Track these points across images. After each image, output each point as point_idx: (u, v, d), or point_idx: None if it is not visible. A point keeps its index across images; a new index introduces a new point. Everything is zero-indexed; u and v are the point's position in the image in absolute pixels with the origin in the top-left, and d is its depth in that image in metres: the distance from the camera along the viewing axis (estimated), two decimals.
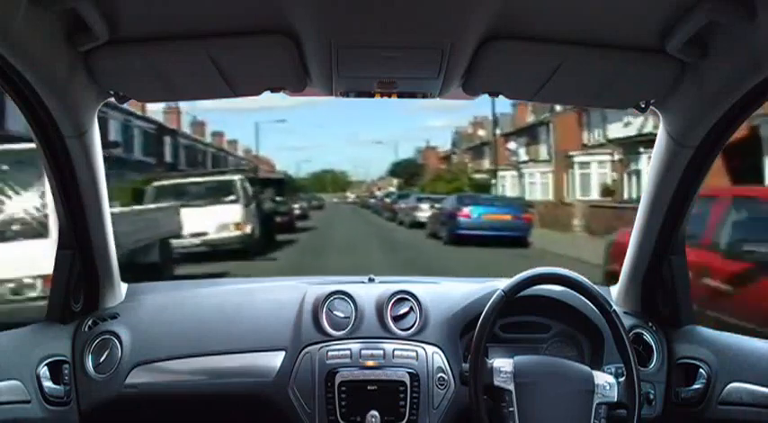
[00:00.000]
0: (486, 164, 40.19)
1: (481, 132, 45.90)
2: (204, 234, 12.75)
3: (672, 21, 1.19)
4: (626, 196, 20.54)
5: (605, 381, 1.44)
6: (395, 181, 79.85)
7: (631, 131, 20.02)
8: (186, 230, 11.60)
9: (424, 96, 1.53)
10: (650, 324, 1.75)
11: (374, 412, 1.57)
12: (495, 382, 1.44)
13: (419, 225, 22.32)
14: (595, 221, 18.98)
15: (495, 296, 1.50)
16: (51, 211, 4.96)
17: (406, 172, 62.73)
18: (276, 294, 1.84)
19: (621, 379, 1.46)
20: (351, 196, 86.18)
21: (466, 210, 16.55)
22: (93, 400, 1.61)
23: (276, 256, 14.02)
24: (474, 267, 11.51)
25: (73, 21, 1.17)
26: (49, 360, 1.56)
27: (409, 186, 51.53)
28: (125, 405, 1.64)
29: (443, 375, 1.63)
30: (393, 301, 1.74)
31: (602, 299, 1.50)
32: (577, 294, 1.53)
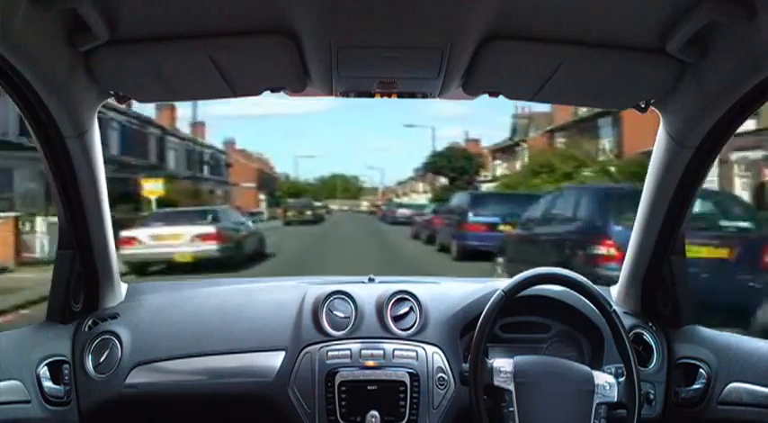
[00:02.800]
0: (605, 146, 25.66)
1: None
2: None
3: (672, 21, 1.19)
4: None
5: (605, 381, 1.44)
6: (420, 185, 63.95)
7: None
8: None
9: (424, 96, 1.53)
10: (650, 324, 1.75)
11: (374, 412, 1.57)
12: (495, 382, 1.44)
13: None
14: None
15: (495, 296, 1.50)
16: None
17: (453, 167, 41.20)
18: (276, 294, 1.84)
19: (621, 379, 1.45)
20: (364, 204, 70.26)
21: None
22: (93, 400, 1.61)
23: None
24: None
25: (73, 21, 1.17)
26: (49, 360, 1.56)
27: (459, 188, 33.94)
28: (125, 405, 1.64)
29: (443, 375, 1.62)
30: (393, 301, 1.74)
31: (602, 299, 1.50)
32: (577, 294, 1.53)
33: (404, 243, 20.75)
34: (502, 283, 1.53)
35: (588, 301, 1.53)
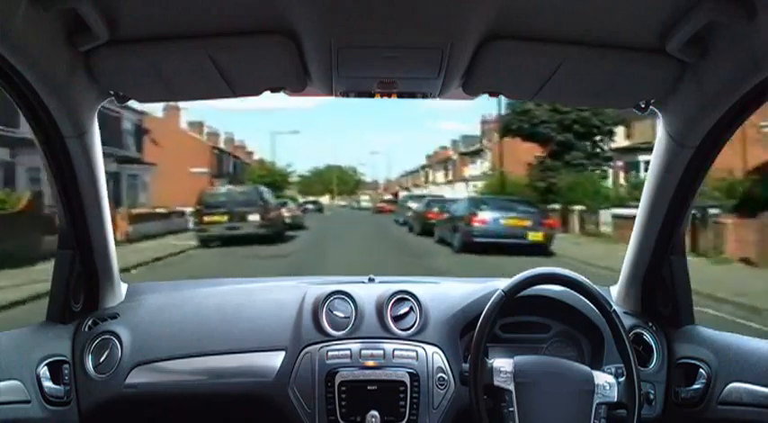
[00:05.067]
0: None
1: None
2: None
3: (672, 21, 1.19)
4: None
5: (605, 381, 1.44)
6: (440, 174, 52.28)
7: None
8: None
9: (424, 96, 1.53)
10: (650, 324, 1.75)
11: (374, 412, 1.57)
12: (495, 382, 1.44)
13: None
14: None
15: (495, 296, 1.50)
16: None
17: (569, 122, 22.83)
18: (276, 294, 1.84)
19: (621, 379, 1.45)
20: (364, 199, 60.20)
21: None
22: (93, 400, 1.61)
23: None
24: None
25: (73, 21, 1.17)
26: (49, 360, 1.56)
27: (573, 166, 21.45)
28: (125, 405, 1.64)
29: (443, 375, 1.63)
30: (393, 301, 1.74)
31: (603, 299, 1.50)
32: (577, 294, 1.53)
33: None
34: (502, 284, 1.52)
35: (588, 301, 1.53)
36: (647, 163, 1.74)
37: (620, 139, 25.27)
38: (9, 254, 11.52)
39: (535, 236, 14.30)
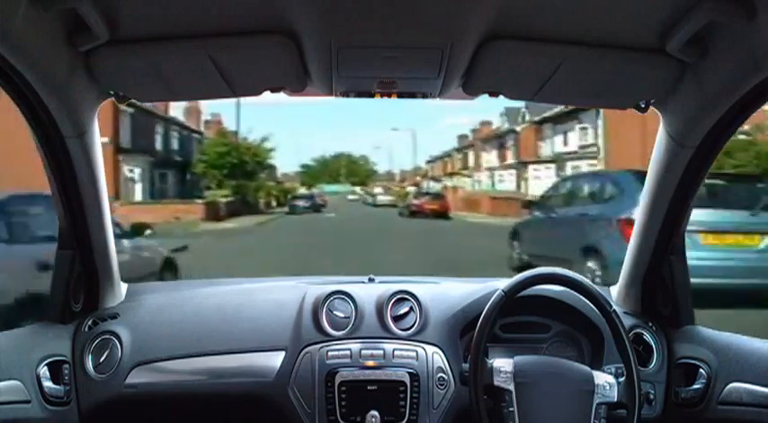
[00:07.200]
0: None
1: None
2: None
3: (672, 21, 1.19)
4: None
5: (605, 381, 1.44)
6: (490, 156, 38.29)
7: None
8: None
9: (424, 96, 1.53)
10: (650, 324, 1.75)
11: (374, 412, 1.57)
12: (495, 382, 1.44)
13: None
14: None
15: (495, 296, 1.50)
16: None
17: None
18: (276, 294, 1.84)
19: (621, 379, 1.45)
20: (380, 191, 49.80)
21: None
22: (93, 400, 1.61)
23: None
24: None
25: (73, 21, 1.17)
26: (49, 360, 1.56)
27: None
28: (125, 405, 1.64)
29: (443, 375, 1.63)
30: (393, 301, 1.74)
31: (603, 299, 1.50)
32: (577, 294, 1.53)
33: None
34: (502, 284, 1.52)
35: (588, 301, 1.53)
36: None
37: None
38: None
39: None
